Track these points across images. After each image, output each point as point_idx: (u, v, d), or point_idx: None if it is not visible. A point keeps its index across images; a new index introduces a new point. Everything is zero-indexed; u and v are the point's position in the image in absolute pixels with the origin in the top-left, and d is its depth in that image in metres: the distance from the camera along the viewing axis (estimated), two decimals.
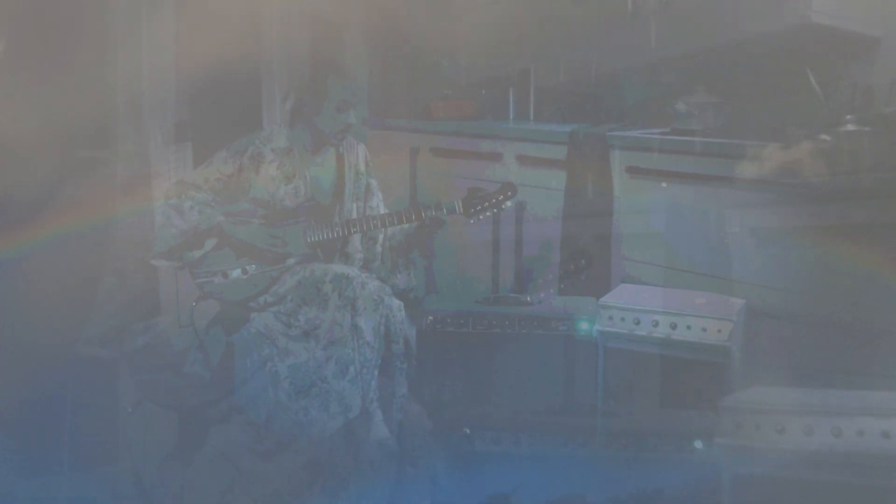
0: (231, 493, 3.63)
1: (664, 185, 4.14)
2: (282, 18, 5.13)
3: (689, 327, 3.59)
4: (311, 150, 4.01)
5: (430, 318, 3.91)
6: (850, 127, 3.78)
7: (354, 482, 3.58)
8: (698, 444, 3.20)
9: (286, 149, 3.95)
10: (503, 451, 3.72)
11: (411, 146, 5.19)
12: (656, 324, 3.66)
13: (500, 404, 3.84)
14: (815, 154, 3.68)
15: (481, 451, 3.73)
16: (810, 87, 3.99)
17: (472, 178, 5.01)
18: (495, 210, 3.92)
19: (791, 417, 2.72)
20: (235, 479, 3.67)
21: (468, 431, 3.77)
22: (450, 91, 5.53)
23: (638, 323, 3.69)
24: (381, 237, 4.19)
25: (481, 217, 3.91)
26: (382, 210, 4.22)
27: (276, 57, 5.29)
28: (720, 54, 4.31)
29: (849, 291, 3.52)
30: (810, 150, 3.74)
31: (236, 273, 3.88)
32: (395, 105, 5.61)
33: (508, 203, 3.91)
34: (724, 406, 2.96)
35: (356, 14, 5.35)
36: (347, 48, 5.42)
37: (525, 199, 4.26)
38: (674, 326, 3.62)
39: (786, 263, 3.77)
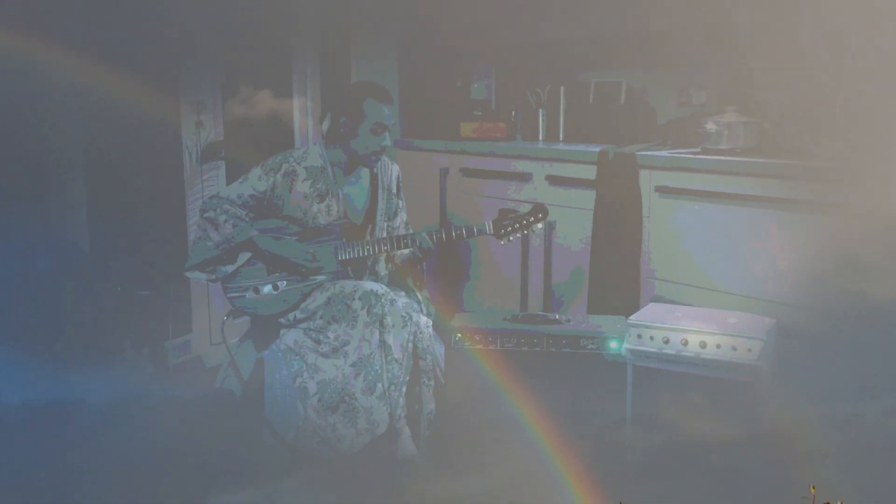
0: None
1: (695, 206, 4.14)
2: (316, 37, 5.21)
3: (718, 346, 3.57)
4: (345, 170, 4.05)
5: (459, 335, 3.92)
6: None
7: None
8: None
9: (320, 168, 3.99)
10: None
11: (441, 167, 5.23)
12: (686, 342, 3.64)
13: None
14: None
15: None
16: None
17: (502, 199, 5.04)
18: (525, 232, 3.93)
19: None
20: None
21: None
22: (480, 112, 5.58)
23: (667, 342, 3.67)
24: (393, 257, 4.21)
25: (511, 238, 3.93)
26: (406, 230, 4.24)
27: (309, 76, 5.37)
28: None
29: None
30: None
31: (268, 288, 3.91)
32: (425, 125, 5.67)
33: (539, 225, 3.92)
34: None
35: (392, 33, 5.42)
36: (382, 69, 5.49)
37: (555, 218, 4.27)
38: (703, 345, 3.60)
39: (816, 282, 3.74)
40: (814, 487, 1.25)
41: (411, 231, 4.12)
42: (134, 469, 3.64)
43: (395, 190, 4.20)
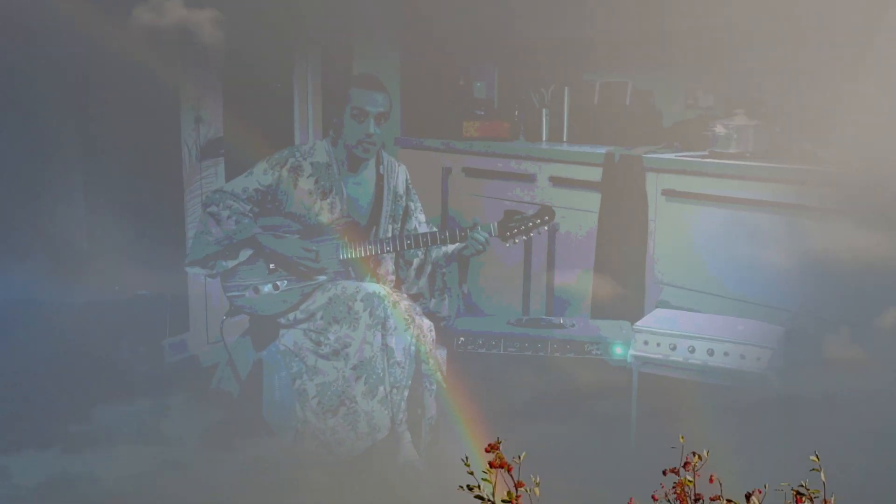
0: None
1: (704, 210, 4.09)
2: (318, 35, 5.14)
3: (726, 354, 3.51)
4: (349, 167, 4.00)
5: (462, 339, 3.86)
6: None
7: None
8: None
9: (326, 164, 3.95)
10: None
11: (443, 166, 5.16)
12: (693, 349, 3.58)
13: None
14: None
15: None
16: None
17: (505, 199, 4.97)
18: (531, 234, 3.88)
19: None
20: None
21: None
22: (483, 111, 5.50)
23: (674, 348, 3.62)
24: (415, 260, 4.15)
25: (516, 241, 3.88)
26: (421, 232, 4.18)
27: (310, 74, 5.29)
28: None
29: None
30: None
31: (267, 288, 3.85)
32: (427, 124, 5.59)
33: (545, 227, 3.87)
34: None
35: (394, 32, 5.36)
36: (384, 67, 5.42)
37: (558, 220, 4.21)
38: (711, 353, 3.55)
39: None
40: (683, 437, 1.23)
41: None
42: (29, 370, 3.63)
43: (402, 191, 4.15)
